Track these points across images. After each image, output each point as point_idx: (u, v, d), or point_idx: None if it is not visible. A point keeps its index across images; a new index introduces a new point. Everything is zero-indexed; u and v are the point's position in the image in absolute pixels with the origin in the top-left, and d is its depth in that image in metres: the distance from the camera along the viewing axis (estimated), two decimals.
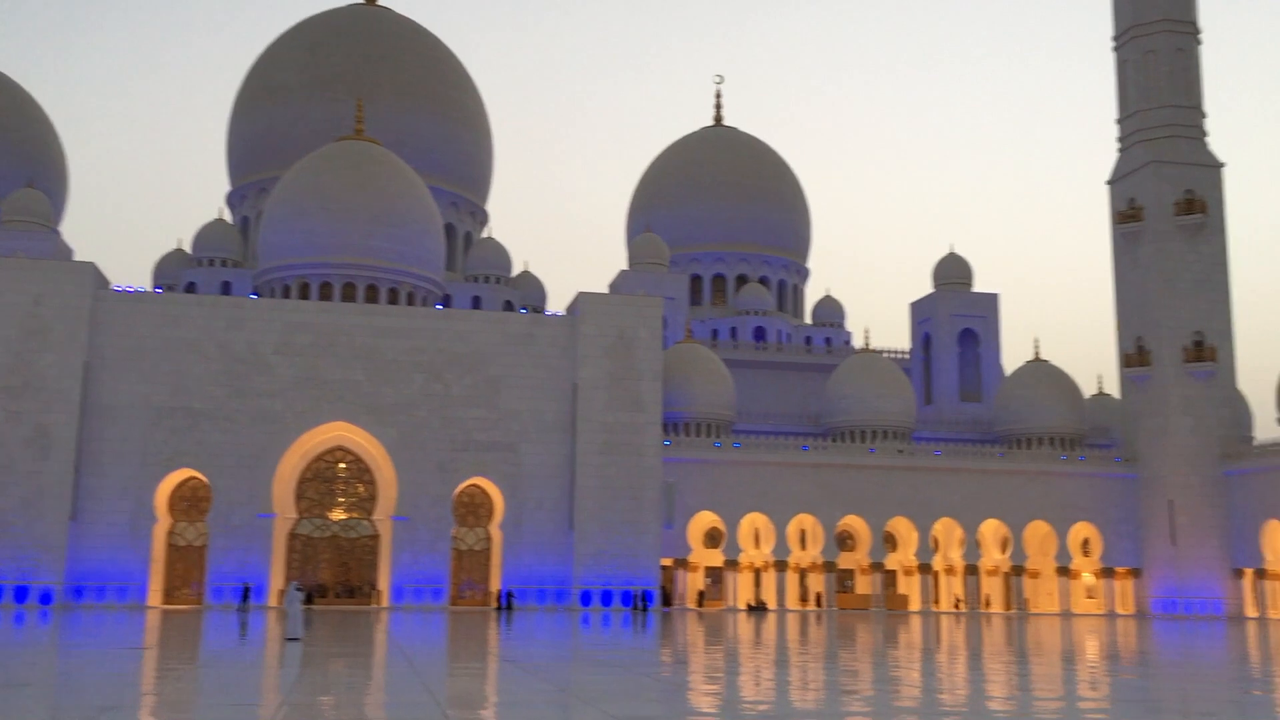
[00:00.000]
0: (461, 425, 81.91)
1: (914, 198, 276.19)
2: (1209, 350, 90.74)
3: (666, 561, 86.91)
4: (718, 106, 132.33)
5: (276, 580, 78.64)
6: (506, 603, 77.42)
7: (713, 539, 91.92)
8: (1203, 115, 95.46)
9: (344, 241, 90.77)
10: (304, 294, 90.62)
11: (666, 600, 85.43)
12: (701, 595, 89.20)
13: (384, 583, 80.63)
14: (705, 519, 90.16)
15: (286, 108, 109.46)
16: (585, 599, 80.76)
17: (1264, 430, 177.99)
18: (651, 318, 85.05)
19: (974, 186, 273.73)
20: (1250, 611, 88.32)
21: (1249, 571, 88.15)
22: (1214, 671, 25.46)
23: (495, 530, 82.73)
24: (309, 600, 65.87)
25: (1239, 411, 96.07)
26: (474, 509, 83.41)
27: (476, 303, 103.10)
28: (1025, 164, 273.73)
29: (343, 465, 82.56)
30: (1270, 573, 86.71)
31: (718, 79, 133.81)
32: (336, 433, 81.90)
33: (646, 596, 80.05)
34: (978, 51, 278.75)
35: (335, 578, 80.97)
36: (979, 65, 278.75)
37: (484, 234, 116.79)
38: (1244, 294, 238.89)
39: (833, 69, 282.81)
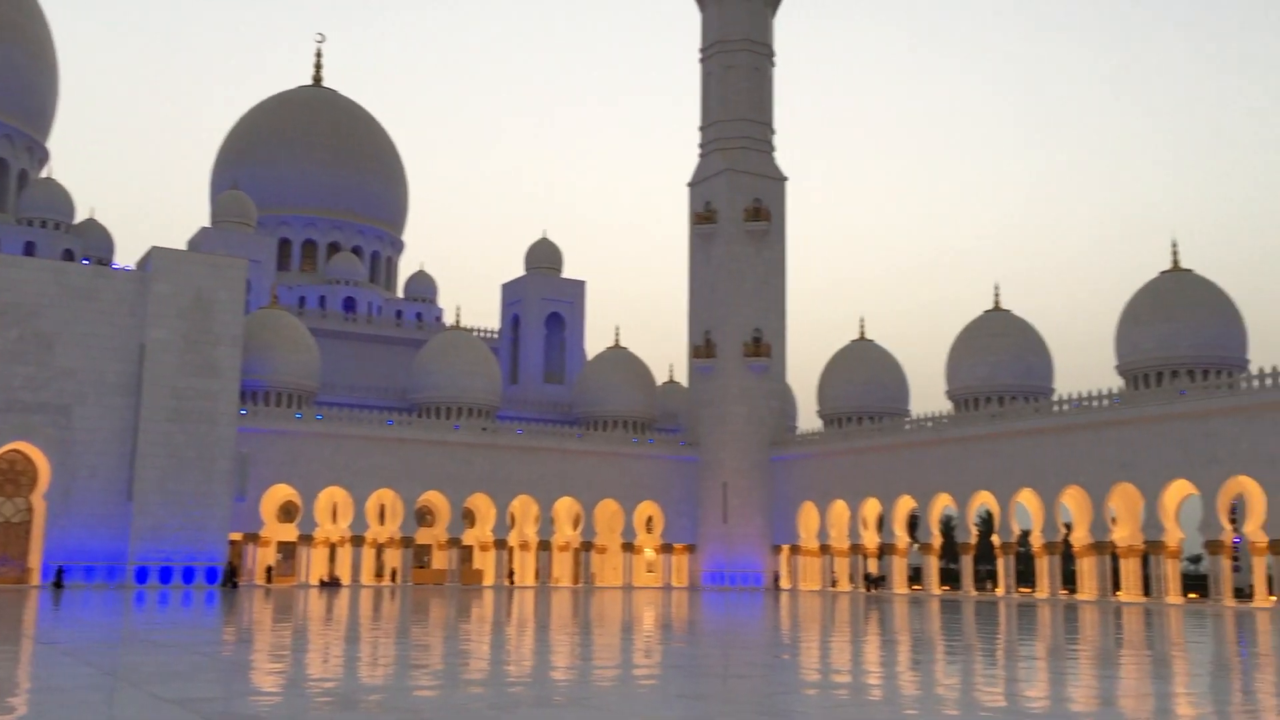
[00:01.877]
0: (4, 383, 73.55)
1: (511, 181, 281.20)
2: (765, 346, 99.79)
3: (236, 536, 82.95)
4: (318, 66, 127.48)
5: None
6: (56, 579, 70.62)
7: (288, 513, 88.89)
8: (772, 132, 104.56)
9: None
10: None
11: (234, 576, 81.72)
12: (270, 570, 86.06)
13: None
14: (281, 492, 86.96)
15: None
16: (142, 576, 75.37)
17: (805, 422, 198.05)
18: (233, 280, 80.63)
19: (569, 176, 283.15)
20: (785, 583, 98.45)
21: (786, 547, 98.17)
22: (751, 638, 28.14)
23: (38, 500, 75.12)
24: None
25: (787, 403, 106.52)
26: (14, 477, 75.27)
27: (30, 249, 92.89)
28: (619, 159, 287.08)
29: None
30: (803, 549, 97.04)
31: (319, 37, 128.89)
32: None
33: (226, 571, 76.15)
34: (581, 44, 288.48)
35: None
36: (581, 58, 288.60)
37: (43, 173, 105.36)
38: (795, 298, 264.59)
39: (440, 45, 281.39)
